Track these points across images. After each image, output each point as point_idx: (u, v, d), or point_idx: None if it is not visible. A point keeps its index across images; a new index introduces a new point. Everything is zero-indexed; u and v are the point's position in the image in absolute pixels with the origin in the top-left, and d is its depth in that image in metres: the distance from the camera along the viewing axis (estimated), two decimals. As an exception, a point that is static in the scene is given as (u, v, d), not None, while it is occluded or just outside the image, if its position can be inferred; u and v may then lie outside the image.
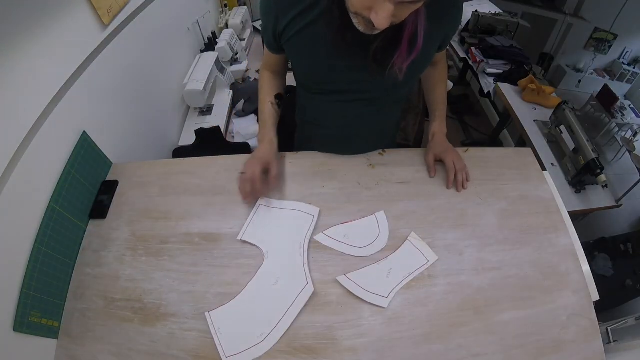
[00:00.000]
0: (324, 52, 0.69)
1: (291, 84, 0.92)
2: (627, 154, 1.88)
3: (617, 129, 2.02)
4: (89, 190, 0.84)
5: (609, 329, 0.83)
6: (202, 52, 1.62)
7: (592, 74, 2.93)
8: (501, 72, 2.20)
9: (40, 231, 0.68)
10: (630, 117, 2.22)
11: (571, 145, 1.57)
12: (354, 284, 0.70)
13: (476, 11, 2.42)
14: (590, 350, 0.65)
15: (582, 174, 1.48)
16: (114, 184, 0.88)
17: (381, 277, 0.71)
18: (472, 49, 2.31)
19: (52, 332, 0.67)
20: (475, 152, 0.95)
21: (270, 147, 0.85)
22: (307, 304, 0.68)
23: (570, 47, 2.93)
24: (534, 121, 1.85)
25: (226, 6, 1.94)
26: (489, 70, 2.23)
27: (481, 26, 2.40)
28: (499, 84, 2.08)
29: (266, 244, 0.77)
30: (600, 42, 2.88)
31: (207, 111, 1.50)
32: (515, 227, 0.80)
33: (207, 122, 1.45)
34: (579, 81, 2.94)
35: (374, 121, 0.87)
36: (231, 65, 1.75)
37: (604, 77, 2.93)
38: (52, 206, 0.72)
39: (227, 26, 1.86)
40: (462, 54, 2.40)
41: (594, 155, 1.44)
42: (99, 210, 0.83)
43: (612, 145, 2.01)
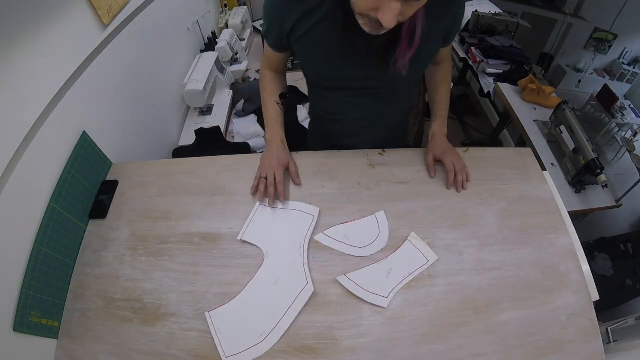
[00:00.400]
0: (331, 51, 0.71)
1: (290, 83, 0.93)
2: (627, 154, 1.88)
3: (617, 129, 2.02)
4: (89, 190, 0.84)
5: (609, 329, 0.83)
6: (202, 52, 1.62)
7: (592, 74, 2.93)
8: (501, 72, 2.20)
9: (40, 231, 0.68)
10: (630, 117, 2.22)
11: (571, 145, 1.57)
12: (354, 284, 0.70)
13: (476, 11, 2.42)
14: (590, 350, 0.65)
15: (582, 174, 1.48)
16: (114, 184, 0.88)
17: (381, 277, 0.71)
18: (472, 49, 2.31)
19: (52, 332, 0.67)
20: (475, 152, 0.95)
21: (284, 147, 0.87)
22: (307, 304, 0.69)
23: (570, 47, 2.93)
24: (534, 121, 1.85)
25: (226, 6, 1.94)
26: (489, 70, 2.23)
27: (481, 26, 2.40)
28: (499, 84, 2.08)
29: (266, 243, 0.77)
30: (600, 42, 2.87)
31: (207, 111, 1.50)
32: (515, 227, 0.80)
33: (207, 122, 1.45)
34: (579, 81, 2.93)
35: (384, 114, 0.89)
36: (231, 65, 1.75)
37: (604, 77, 2.93)
38: (52, 206, 0.72)
39: (227, 26, 1.86)
40: (462, 54, 2.40)
41: (594, 155, 1.44)
42: (99, 210, 0.83)
43: (612, 145, 2.01)
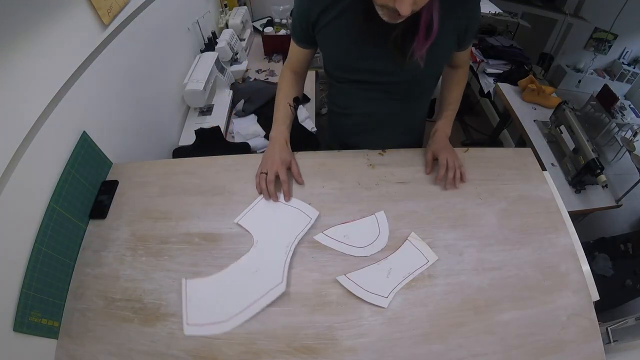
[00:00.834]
0: (351, 42, 0.75)
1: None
2: (627, 154, 1.88)
3: (617, 129, 2.02)
4: (89, 190, 0.84)
5: (609, 329, 0.83)
6: (202, 52, 1.62)
7: (592, 74, 2.92)
8: (501, 72, 2.21)
9: (40, 231, 0.68)
10: (630, 117, 2.22)
11: (571, 145, 1.57)
12: (354, 284, 0.70)
13: (476, 11, 2.42)
14: (590, 350, 0.65)
15: (582, 174, 1.48)
16: (114, 184, 0.88)
17: (381, 277, 0.72)
18: (472, 48, 2.31)
19: (52, 332, 0.67)
20: (475, 152, 0.95)
21: (287, 147, 0.88)
22: (307, 304, 0.69)
23: (570, 47, 2.93)
24: (534, 121, 1.85)
25: (226, 6, 1.94)
26: (489, 70, 2.23)
27: (481, 26, 2.41)
28: (499, 84, 2.09)
29: (258, 232, 0.78)
30: (600, 42, 2.87)
31: (207, 111, 1.50)
32: (515, 227, 0.80)
33: (207, 122, 1.45)
34: (579, 81, 2.93)
35: (401, 111, 0.90)
36: (231, 65, 1.75)
37: (604, 77, 2.93)
38: (52, 206, 0.72)
39: (227, 26, 1.86)
40: (462, 54, 2.40)
41: (594, 155, 1.44)
42: (99, 210, 0.83)
43: (612, 145, 2.02)
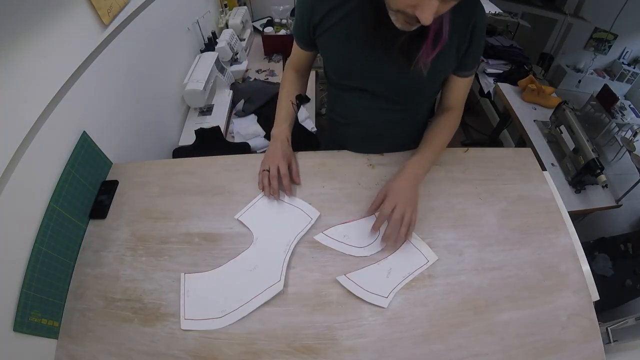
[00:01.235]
0: (354, 46, 0.72)
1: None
2: (627, 154, 1.88)
3: (617, 129, 2.02)
4: (89, 190, 0.84)
5: (609, 329, 0.83)
6: (202, 52, 1.62)
7: (592, 74, 2.92)
8: (501, 72, 2.21)
9: (40, 231, 0.68)
10: (630, 117, 2.22)
11: (571, 145, 1.57)
12: (354, 284, 0.70)
13: (476, 11, 2.41)
14: (590, 350, 0.65)
15: (582, 174, 1.48)
16: (114, 184, 0.88)
17: (381, 277, 0.71)
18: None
19: (52, 332, 0.67)
20: (475, 152, 0.95)
21: (288, 145, 0.88)
22: (307, 304, 0.69)
23: (570, 47, 2.93)
24: (534, 121, 1.85)
25: (226, 6, 1.94)
26: (489, 70, 2.23)
27: (481, 26, 2.40)
28: (499, 84, 2.09)
29: (258, 230, 0.78)
30: (600, 42, 2.87)
31: (207, 111, 1.50)
32: (515, 227, 0.80)
33: (207, 122, 1.45)
34: (579, 81, 2.93)
35: (402, 120, 0.88)
36: (231, 65, 1.75)
37: (604, 77, 2.93)
38: (52, 206, 0.72)
39: (227, 26, 1.86)
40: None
41: (594, 155, 1.44)
42: (99, 210, 0.83)
43: (612, 145, 2.02)
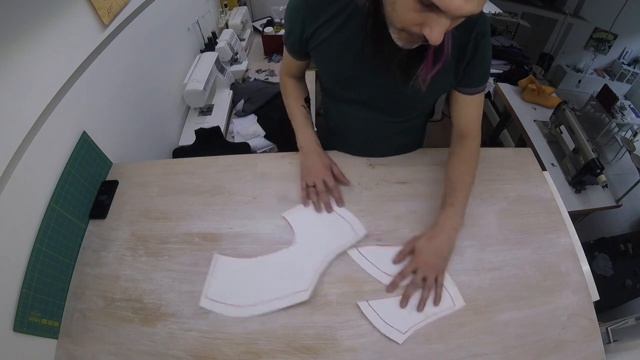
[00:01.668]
0: (350, 59, 0.69)
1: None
2: (627, 154, 1.89)
3: (617, 129, 2.02)
4: (89, 190, 0.84)
5: (609, 329, 0.83)
6: (202, 52, 1.62)
7: (592, 74, 2.93)
8: (501, 72, 2.21)
9: (40, 231, 0.68)
10: (630, 117, 2.22)
11: (571, 145, 1.57)
12: (374, 313, 0.67)
13: (476, 11, 2.42)
14: (590, 350, 0.65)
15: (582, 174, 1.48)
16: (114, 184, 0.88)
17: (404, 312, 0.67)
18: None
19: (52, 332, 0.67)
20: (475, 152, 0.95)
21: (322, 151, 0.86)
22: (307, 304, 0.68)
23: (570, 47, 2.93)
24: (534, 121, 1.85)
25: (226, 6, 1.94)
26: (489, 70, 2.23)
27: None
28: (499, 84, 2.09)
29: (301, 232, 0.77)
30: (600, 42, 2.87)
31: (207, 111, 1.50)
32: (515, 227, 0.80)
33: (207, 122, 1.45)
34: (579, 81, 2.94)
35: (398, 131, 0.87)
36: (231, 65, 1.75)
37: (604, 77, 2.93)
38: (52, 206, 0.72)
39: (227, 26, 1.86)
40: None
41: (594, 155, 1.44)
42: (99, 210, 0.83)
43: (612, 145, 2.02)
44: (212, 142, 1.31)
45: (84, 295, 0.72)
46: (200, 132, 1.29)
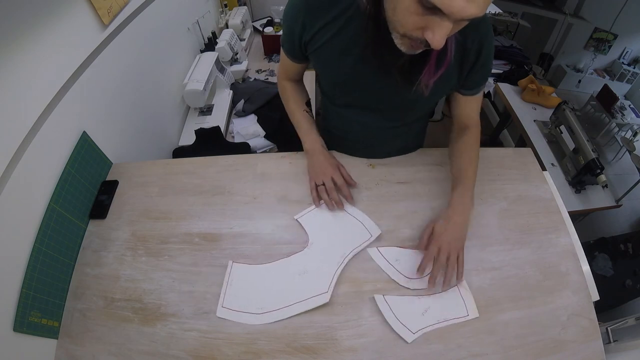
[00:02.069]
0: (350, 63, 0.68)
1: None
2: (627, 154, 1.89)
3: (617, 129, 2.02)
4: (89, 190, 0.84)
5: (609, 329, 0.83)
6: (202, 52, 1.62)
7: (592, 74, 2.93)
8: (501, 72, 2.21)
9: (40, 231, 0.68)
10: (630, 117, 2.22)
11: (571, 145, 1.57)
12: (388, 308, 0.67)
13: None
14: (590, 350, 0.65)
15: (582, 174, 1.48)
16: (114, 184, 0.88)
17: (416, 312, 0.68)
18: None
19: (52, 332, 0.67)
20: (475, 152, 0.95)
21: (329, 153, 0.87)
22: (308, 304, 0.69)
23: (570, 47, 2.93)
24: (534, 121, 1.85)
25: (226, 6, 1.94)
26: (489, 70, 2.23)
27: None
28: (499, 84, 2.09)
29: (315, 234, 0.77)
30: (600, 42, 2.87)
31: (207, 111, 1.50)
32: (515, 227, 0.80)
33: (207, 122, 1.45)
34: (579, 81, 2.94)
35: (396, 137, 0.87)
36: (231, 65, 1.75)
37: (604, 77, 2.93)
38: (52, 206, 0.72)
39: (227, 26, 1.86)
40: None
41: (594, 155, 1.44)
42: (99, 210, 0.83)
43: (612, 145, 2.02)
44: (212, 142, 1.31)
45: (84, 295, 0.72)
46: (200, 132, 1.29)
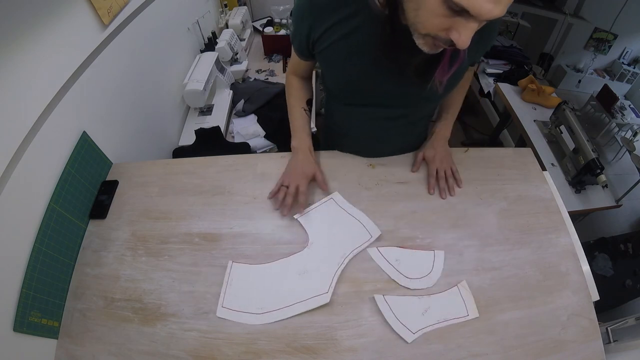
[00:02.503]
0: (359, 63, 0.68)
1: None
2: (627, 154, 1.88)
3: (617, 129, 2.02)
4: (89, 190, 0.84)
5: (609, 329, 0.83)
6: (202, 52, 1.62)
7: (592, 74, 2.92)
8: (501, 72, 2.21)
9: (40, 231, 0.68)
10: (630, 117, 2.22)
11: (571, 145, 1.57)
12: (388, 308, 0.68)
13: (476, 11, 2.41)
14: (590, 350, 0.65)
15: (582, 174, 1.48)
16: (114, 184, 0.88)
17: (417, 312, 0.68)
18: (472, 49, 2.30)
19: (52, 332, 0.67)
20: (475, 152, 0.95)
21: (311, 156, 0.86)
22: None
23: (570, 47, 2.93)
24: (534, 121, 1.85)
25: (226, 6, 1.94)
26: (489, 70, 2.23)
27: (481, 26, 2.40)
28: (499, 84, 2.09)
29: (315, 235, 0.77)
30: (600, 42, 2.87)
31: (207, 111, 1.50)
32: (515, 227, 0.80)
33: (207, 122, 1.45)
34: (579, 81, 2.93)
35: (398, 136, 0.87)
36: (231, 65, 1.75)
37: (604, 77, 2.93)
38: (52, 206, 0.72)
39: (227, 26, 1.86)
40: (462, 54, 2.40)
41: (594, 155, 1.44)
42: (99, 210, 0.83)
43: (612, 145, 2.01)
44: (212, 142, 1.31)
45: (84, 295, 0.72)
46: (200, 132, 1.30)
